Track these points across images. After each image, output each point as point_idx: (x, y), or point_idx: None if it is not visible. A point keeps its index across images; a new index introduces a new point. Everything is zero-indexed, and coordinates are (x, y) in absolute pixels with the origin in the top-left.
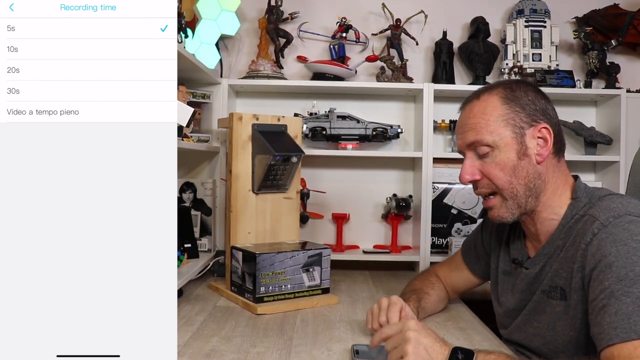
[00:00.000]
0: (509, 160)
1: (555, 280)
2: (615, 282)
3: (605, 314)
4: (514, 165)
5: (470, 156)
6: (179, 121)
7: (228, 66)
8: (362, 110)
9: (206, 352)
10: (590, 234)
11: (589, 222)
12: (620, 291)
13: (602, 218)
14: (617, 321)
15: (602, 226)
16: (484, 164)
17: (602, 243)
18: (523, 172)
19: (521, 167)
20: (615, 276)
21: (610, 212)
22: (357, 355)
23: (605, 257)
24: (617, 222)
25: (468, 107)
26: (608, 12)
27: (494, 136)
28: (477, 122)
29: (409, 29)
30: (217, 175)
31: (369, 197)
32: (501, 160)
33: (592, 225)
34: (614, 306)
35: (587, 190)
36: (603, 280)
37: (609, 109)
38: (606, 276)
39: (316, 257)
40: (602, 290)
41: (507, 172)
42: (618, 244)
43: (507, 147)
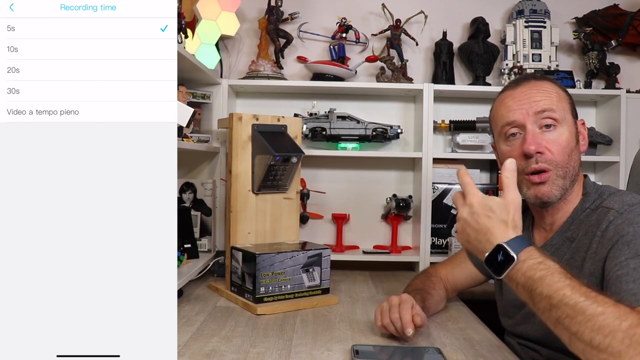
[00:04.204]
0: (569, 142)
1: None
2: (633, 256)
3: (623, 283)
4: (572, 147)
5: (532, 128)
6: (179, 121)
7: (228, 66)
8: (362, 110)
9: (206, 352)
10: (605, 221)
11: (603, 212)
12: (638, 264)
13: (617, 207)
14: (636, 288)
15: (617, 214)
16: (545, 138)
17: (619, 227)
18: (575, 156)
19: (575, 151)
20: (634, 252)
21: (624, 202)
22: (357, 355)
23: (623, 236)
24: (632, 209)
25: (531, 82)
26: (608, 12)
27: (564, 113)
28: (549, 95)
29: (409, 29)
30: (217, 175)
31: (369, 197)
32: (565, 138)
33: (608, 214)
34: (632, 275)
35: (596, 187)
36: (619, 256)
37: (609, 110)
38: (622, 252)
39: (316, 257)
40: (618, 263)
41: (567, 151)
42: (635, 225)
43: (569, 128)
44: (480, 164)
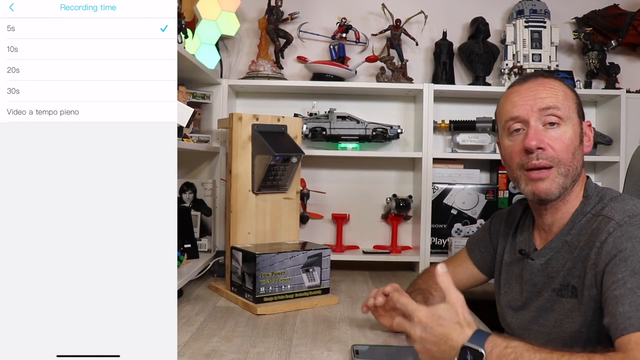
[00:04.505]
0: (572, 140)
1: (567, 279)
2: (630, 275)
3: (619, 305)
4: (575, 146)
5: (535, 124)
6: (179, 121)
7: (228, 66)
8: (362, 110)
9: (206, 352)
10: (605, 233)
11: (604, 222)
12: (634, 284)
13: (617, 218)
14: (632, 311)
15: (617, 225)
16: (548, 135)
17: (617, 240)
18: (578, 156)
19: (579, 150)
20: (631, 269)
21: (625, 212)
22: (357, 355)
23: (621, 252)
24: (632, 221)
25: (539, 79)
26: (608, 12)
27: (569, 112)
28: (556, 92)
29: (409, 29)
30: (217, 175)
31: (369, 197)
32: (568, 137)
33: (608, 225)
34: (628, 297)
35: (597, 190)
36: (617, 273)
37: (609, 110)
38: (620, 269)
39: (316, 257)
40: (615, 281)
41: (570, 150)
42: (634, 240)
43: (573, 127)
44: (480, 164)
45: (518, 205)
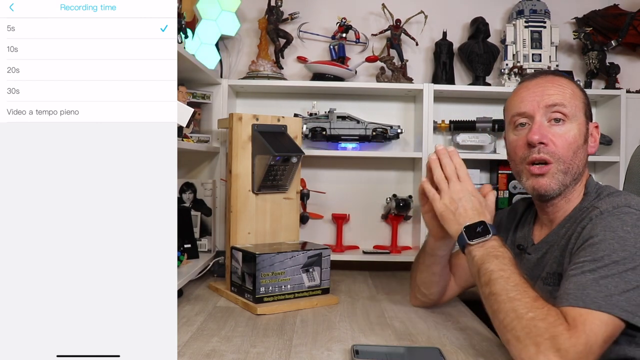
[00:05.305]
0: (576, 139)
1: (553, 266)
2: (590, 261)
3: (567, 283)
4: (578, 145)
5: (540, 120)
6: (179, 121)
7: (228, 66)
8: (362, 110)
9: (206, 352)
10: (587, 219)
11: (590, 210)
12: (588, 267)
13: (602, 207)
14: (573, 290)
15: (600, 214)
16: (552, 131)
17: (594, 227)
18: (581, 154)
19: (582, 150)
20: (592, 256)
21: (612, 203)
22: (357, 355)
23: (592, 238)
24: (614, 212)
25: (548, 77)
26: (608, 12)
27: (575, 110)
28: (564, 90)
29: (409, 29)
30: (217, 175)
31: (369, 197)
32: (572, 135)
33: (592, 213)
34: (579, 279)
35: (597, 187)
36: (581, 257)
37: (609, 110)
38: (585, 253)
39: (316, 257)
40: (575, 263)
41: (572, 148)
42: (607, 229)
43: (579, 126)
44: (480, 164)
45: (521, 202)
